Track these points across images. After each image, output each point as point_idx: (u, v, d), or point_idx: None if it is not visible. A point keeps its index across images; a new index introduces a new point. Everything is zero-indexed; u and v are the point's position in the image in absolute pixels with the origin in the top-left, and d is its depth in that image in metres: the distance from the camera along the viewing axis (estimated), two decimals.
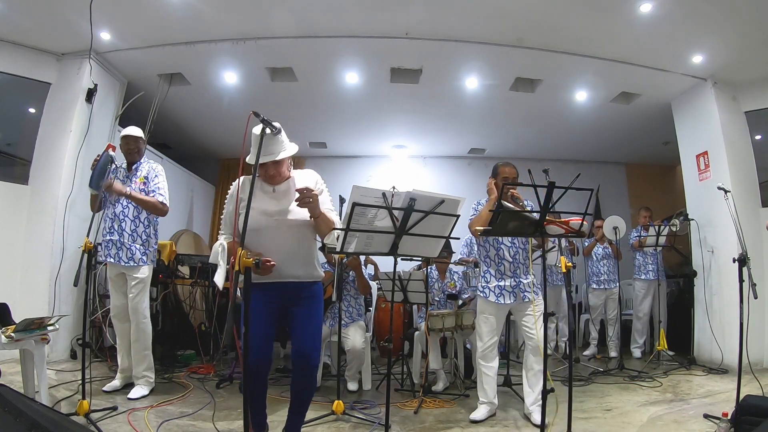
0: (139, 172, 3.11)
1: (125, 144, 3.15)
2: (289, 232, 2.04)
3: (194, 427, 2.49)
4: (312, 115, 5.47)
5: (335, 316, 3.37)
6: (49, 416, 1.85)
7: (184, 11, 3.60)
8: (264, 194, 2.10)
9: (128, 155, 3.15)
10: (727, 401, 2.81)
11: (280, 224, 2.02)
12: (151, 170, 3.12)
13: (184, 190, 6.21)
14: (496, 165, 2.99)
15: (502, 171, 2.89)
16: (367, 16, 3.75)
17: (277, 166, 2.10)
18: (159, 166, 3.17)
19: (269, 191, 2.13)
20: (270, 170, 2.09)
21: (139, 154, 3.16)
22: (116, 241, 3.00)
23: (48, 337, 2.52)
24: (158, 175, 3.10)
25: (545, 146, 6.42)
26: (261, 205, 2.03)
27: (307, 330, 2.05)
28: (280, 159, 2.06)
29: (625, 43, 3.97)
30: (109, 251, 3.01)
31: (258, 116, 1.83)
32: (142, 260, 3.03)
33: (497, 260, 2.86)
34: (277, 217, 2.03)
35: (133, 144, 3.15)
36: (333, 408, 2.75)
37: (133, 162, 3.15)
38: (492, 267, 2.87)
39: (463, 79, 4.68)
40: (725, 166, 4.27)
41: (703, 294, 4.42)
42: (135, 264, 3.01)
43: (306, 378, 2.05)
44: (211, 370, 3.72)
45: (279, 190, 2.14)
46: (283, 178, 2.16)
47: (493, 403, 2.82)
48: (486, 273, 2.89)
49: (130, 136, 3.15)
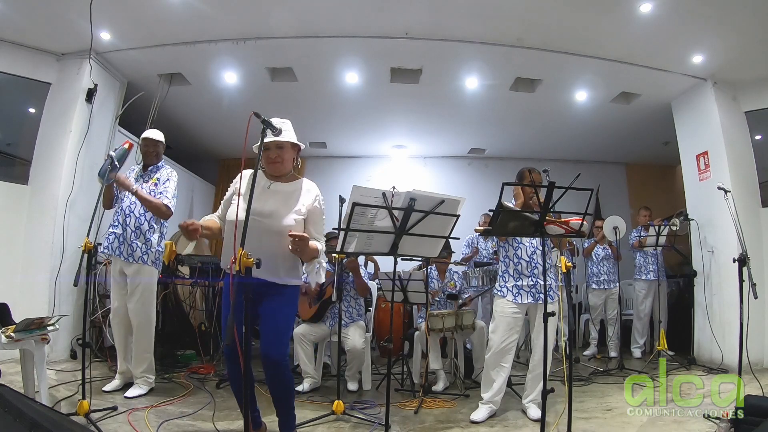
0: (153, 174, 3.11)
1: (144, 146, 3.15)
2: (266, 235, 2.00)
3: (194, 427, 2.49)
4: (312, 115, 5.47)
5: (335, 316, 3.37)
6: (49, 416, 1.85)
7: (184, 11, 3.60)
8: (258, 188, 2.08)
9: (146, 157, 3.15)
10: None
11: (257, 224, 1.98)
12: (164, 175, 3.11)
13: (184, 190, 6.19)
14: (521, 170, 2.99)
15: (527, 177, 2.90)
16: (367, 16, 3.75)
17: (280, 151, 2.10)
18: (174, 172, 3.15)
19: (265, 187, 2.11)
20: (272, 153, 2.09)
21: (157, 158, 3.17)
22: (119, 235, 3.00)
23: (48, 337, 2.52)
24: (169, 179, 3.09)
25: (545, 146, 6.42)
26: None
27: (269, 326, 2.06)
28: (283, 142, 2.07)
29: (625, 43, 3.96)
30: (110, 244, 3.01)
31: (258, 117, 1.83)
32: (142, 258, 3.01)
33: (515, 260, 2.88)
34: (258, 217, 1.98)
35: (152, 147, 3.15)
36: (333, 408, 2.75)
37: (149, 164, 3.14)
38: (510, 267, 2.89)
39: (463, 79, 4.68)
40: (725, 166, 4.26)
41: (703, 294, 4.41)
42: (134, 260, 2.99)
43: (271, 374, 2.05)
44: (211, 370, 3.72)
45: (275, 189, 2.12)
46: (284, 169, 2.14)
47: (495, 403, 2.82)
48: (504, 273, 2.91)
49: (150, 139, 3.15)
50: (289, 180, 2.20)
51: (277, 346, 2.04)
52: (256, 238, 1.97)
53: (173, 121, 5.58)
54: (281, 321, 2.10)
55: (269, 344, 2.03)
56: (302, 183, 2.19)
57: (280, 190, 2.13)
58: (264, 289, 2.03)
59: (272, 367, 2.03)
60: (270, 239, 2.03)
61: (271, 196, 2.10)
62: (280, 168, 2.14)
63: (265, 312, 2.06)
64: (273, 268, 2.04)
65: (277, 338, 2.06)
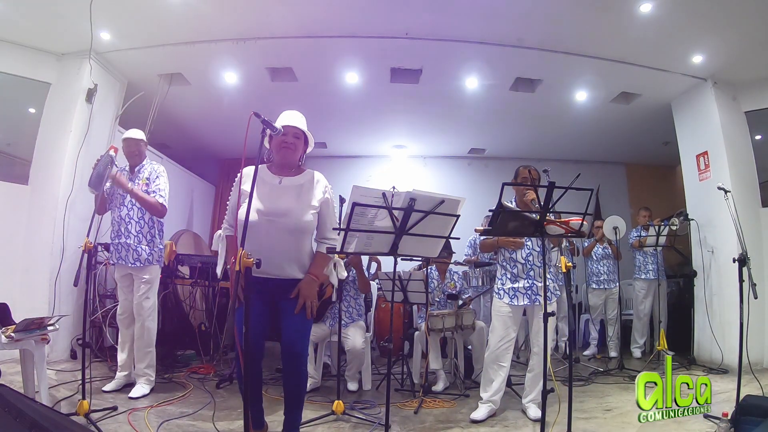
0: (141, 173, 3.13)
1: (126, 147, 3.17)
2: (278, 233, 2.00)
3: (194, 427, 2.49)
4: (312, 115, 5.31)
5: (335, 316, 3.37)
6: (49, 416, 1.85)
7: (184, 11, 3.60)
8: (266, 187, 2.06)
9: (129, 158, 3.18)
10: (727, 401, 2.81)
11: (273, 224, 1.98)
12: (153, 171, 3.14)
13: (184, 190, 6.21)
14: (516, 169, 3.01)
15: (521, 173, 2.94)
16: (367, 16, 3.75)
17: (296, 140, 2.10)
18: (161, 167, 3.19)
19: (275, 183, 2.09)
20: (288, 138, 2.08)
21: (140, 157, 3.19)
22: (124, 244, 3.03)
23: (48, 337, 2.52)
24: (159, 176, 3.12)
25: (545, 146, 6.42)
26: (257, 200, 1.99)
27: (293, 319, 2.05)
28: (300, 132, 2.10)
29: (625, 43, 3.96)
30: (119, 254, 3.05)
31: (258, 117, 1.83)
32: (149, 260, 3.06)
33: (511, 262, 2.88)
34: (271, 217, 1.98)
35: (134, 147, 3.17)
36: (333, 408, 2.75)
37: (135, 165, 3.16)
38: (506, 269, 2.89)
39: (463, 79, 4.68)
40: (725, 166, 4.26)
41: (703, 294, 4.41)
42: (142, 264, 3.04)
43: (292, 366, 2.05)
44: (211, 370, 3.72)
45: (286, 184, 2.09)
46: (294, 158, 2.14)
47: (494, 402, 2.82)
48: (502, 276, 2.91)
49: (130, 139, 3.17)
50: (297, 173, 2.17)
51: (301, 340, 2.07)
52: (273, 238, 1.99)
53: (173, 121, 5.58)
54: (303, 313, 2.10)
55: (294, 338, 2.04)
56: (312, 174, 2.16)
57: (292, 185, 2.10)
58: (283, 289, 2.04)
59: (295, 360, 2.05)
60: (288, 238, 2.03)
61: (283, 193, 2.07)
62: (291, 155, 2.10)
63: (287, 307, 2.06)
64: (291, 266, 2.06)
65: (301, 332, 2.08)
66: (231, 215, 2.11)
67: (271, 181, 2.09)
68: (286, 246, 2.03)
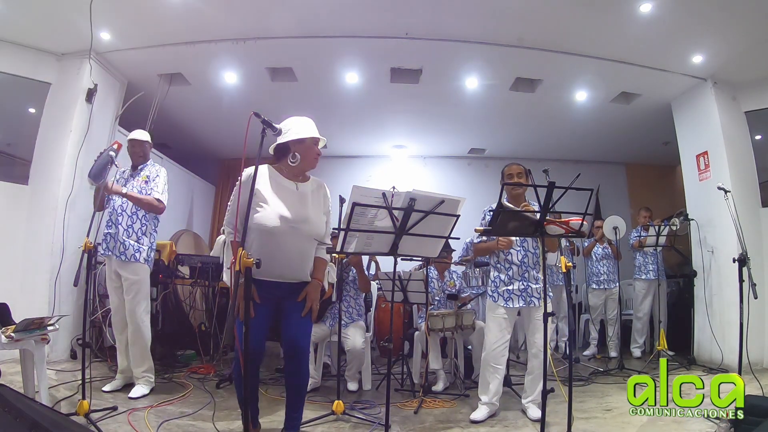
0: (142, 172, 3.16)
1: (131, 147, 3.20)
2: (299, 240, 2.04)
3: (194, 427, 2.49)
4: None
5: (335, 316, 3.37)
6: (49, 416, 1.85)
7: (184, 11, 3.60)
8: (285, 192, 2.07)
9: (133, 158, 3.21)
10: None
11: (295, 232, 2.01)
12: (153, 171, 3.16)
13: (184, 190, 6.21)
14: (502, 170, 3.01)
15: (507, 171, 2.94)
16: (367, 16, 3.75)
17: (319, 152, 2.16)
18: (162, 169, 3.21)
19: (293, 189, 2.09)
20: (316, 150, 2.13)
21: (144, 158, 3.22)
22: (113, 234, 3.02)
23: (48, 337, 2.52)
24: (158, 176, 3.15)
25: (545, 146, 6.42)
26: (281, 205, 2.00)
27: (296, 317, 2.07)
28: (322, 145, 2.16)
29: (625, 43, 3.96)
30: (107, 244, 3.05)
31: (258, 117, 1.83)
32: (134, 257, 3.01)
33: (506, 264, 2.86)
34: (294, 224, 2.01)
35: (139, 148, 3.20)
36: (333, 408, 2.75)
37: (137, 164, 3.19)
38: (501, 271, 2.87)
39: (463, 79, 4.68)
40: (725, 166, 4.26)
41: (703, 294, 4.41)
42: (126, 259, 3.00)
43: (295, 363, 2.07)
44: (211, 370, 3.71)
45: (301, 191, 2.11)
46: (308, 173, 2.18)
47: (494, 404, 2.82)
48: (496, 278, 2.89)
49: (135, 140, 3.21)
50: (305, 179, 2.20)
51: (305, 336, 2.10)
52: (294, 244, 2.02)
53: (173, 121, 5.58)
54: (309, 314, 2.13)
55: (298, 334, 2.07)
56: (317, 182, 2.22)
57: (306, 192, 2.13)
58: (290, 291, 2.08)
59: (299, 356, 2.07)
60: (306, 245, 2.08)
61: (299, 200, 2.09)
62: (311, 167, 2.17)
63: (291, 305, 2.08)
64: (303, 271, 2.10)
65: (305, 329, 2.11)
66: (233, 216, 2.03)
67: (289, 187, 2.10)
68: (305, 252, 2.08)
